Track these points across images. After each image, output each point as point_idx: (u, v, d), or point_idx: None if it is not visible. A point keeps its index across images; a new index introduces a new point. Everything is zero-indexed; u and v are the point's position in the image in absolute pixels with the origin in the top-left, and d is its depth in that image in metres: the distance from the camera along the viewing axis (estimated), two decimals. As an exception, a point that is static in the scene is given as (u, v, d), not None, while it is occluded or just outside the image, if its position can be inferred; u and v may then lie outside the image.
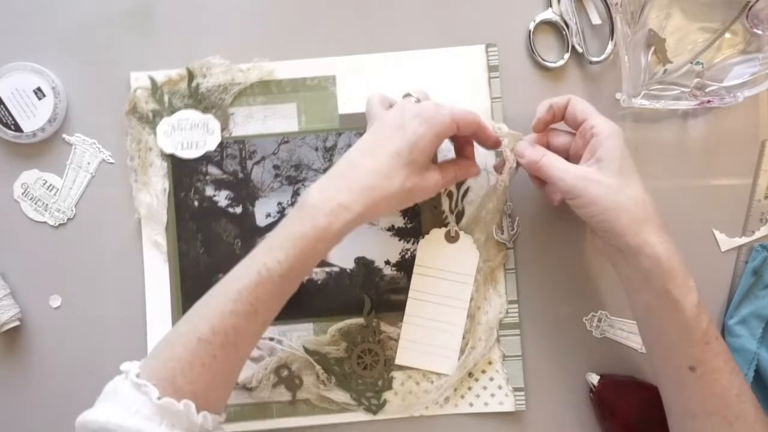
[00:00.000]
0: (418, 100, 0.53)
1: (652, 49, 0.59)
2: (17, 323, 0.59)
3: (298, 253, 0.48)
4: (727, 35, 0.59)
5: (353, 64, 0.61)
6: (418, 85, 0.56)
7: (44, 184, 0.61)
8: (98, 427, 0.44)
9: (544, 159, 0.52)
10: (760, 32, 0.59)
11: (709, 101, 0.57)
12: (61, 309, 0.60)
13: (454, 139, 0.57)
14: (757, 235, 0.59)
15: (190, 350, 0.46)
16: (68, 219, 0.61)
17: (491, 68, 0.61)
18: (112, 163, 0.61)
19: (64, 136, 0.61)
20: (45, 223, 0.61)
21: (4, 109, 0.59)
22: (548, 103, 0.54)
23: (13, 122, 0.59)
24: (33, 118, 0.59)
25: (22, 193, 0.61)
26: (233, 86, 0.61)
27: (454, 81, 0.61)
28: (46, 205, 0.61)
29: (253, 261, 0.48)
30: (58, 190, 0.61)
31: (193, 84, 0.61)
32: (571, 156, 0.54)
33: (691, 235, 0.59)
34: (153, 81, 0.61)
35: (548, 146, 0.55)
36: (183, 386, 0.45)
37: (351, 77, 0.61)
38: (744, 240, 0.59)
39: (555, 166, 0.51)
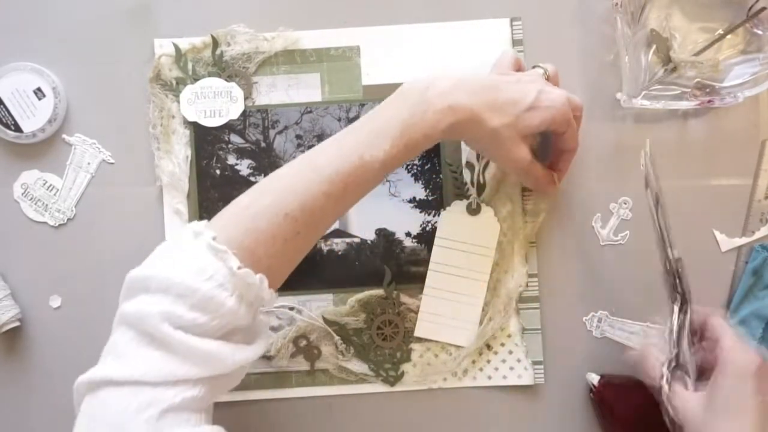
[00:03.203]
0: (548, 77, 0.54)
1: (653, 48, 0.59)
2: (17, 324, 0.59)
3: (403, 144, 0.47)
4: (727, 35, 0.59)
5: (378, 35, 0.61)
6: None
7: (44, 184, 0.61)
8: (167, 285, 0.41)
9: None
10: (760, 32, 0.59)
11: (709, 101, 0.57)
12: (61, 309, 0.60)
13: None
14: (758, 235, 0.59)
15: (275, 224, 0.45)
16: (68, 219, 0.61)
17: (516, 42, 0.61)
18: (112, 163, 0.61)
19: (64, 136, 0.61)
20: (45, 223, 0.61)
21: (4, 109, 0.59)
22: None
23: (13, 122, 0.59)
24: (33, 118, 0.59)
25: (22, 194, 0.61)
26: (257, 55, 0.61)
27: (478, 54, 0.61)
28: (46, 205, 0.61)
29: (344, 144, 0.47)
30: (58, 190, 0.61)
31: (217, 52, 0.61)
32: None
33: (691, 235, 0.58)
34: (177, 48, 0.61)
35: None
36: (262, 259, 0.44)
37: (375, 48, 0.61)
38: (744, 240, 0.59)
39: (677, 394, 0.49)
